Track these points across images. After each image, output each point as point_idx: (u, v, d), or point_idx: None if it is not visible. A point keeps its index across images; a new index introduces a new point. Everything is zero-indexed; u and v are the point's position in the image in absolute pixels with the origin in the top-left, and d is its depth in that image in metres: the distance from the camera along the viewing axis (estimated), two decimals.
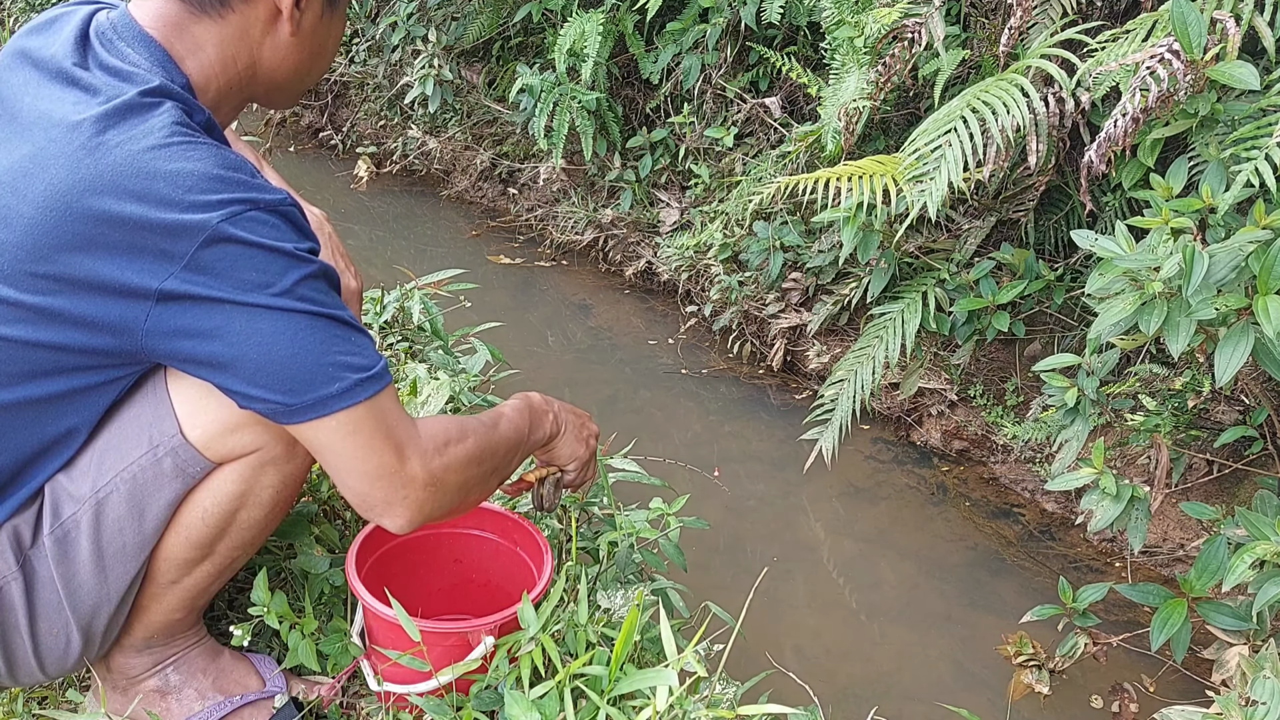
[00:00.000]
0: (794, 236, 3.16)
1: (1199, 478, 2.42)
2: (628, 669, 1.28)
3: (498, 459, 1.24)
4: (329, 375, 1.05)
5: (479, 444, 1.19)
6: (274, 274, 1.02)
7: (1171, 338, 1.67)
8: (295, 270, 1.03)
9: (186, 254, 0.99)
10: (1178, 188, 1.85)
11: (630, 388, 3.23)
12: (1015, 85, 2.29)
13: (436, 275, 2.70)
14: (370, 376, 1.07)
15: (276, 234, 1.03)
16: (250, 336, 1.02)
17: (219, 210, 0.99)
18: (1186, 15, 1.91)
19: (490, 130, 4.45)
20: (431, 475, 1.12)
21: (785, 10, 3.13)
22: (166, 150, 1.00)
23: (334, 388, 1.05)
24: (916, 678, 2.16)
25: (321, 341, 1.04)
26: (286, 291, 1.02)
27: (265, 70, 1.19)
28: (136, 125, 1.02)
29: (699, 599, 1.75)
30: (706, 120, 3.61)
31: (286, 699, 1.37)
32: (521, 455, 1.33)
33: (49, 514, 1.15)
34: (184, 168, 1.00)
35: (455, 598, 1.59)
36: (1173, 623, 1.77)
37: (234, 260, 1.00)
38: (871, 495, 2.76)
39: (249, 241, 1.00)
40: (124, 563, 1.17)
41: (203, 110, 1.11)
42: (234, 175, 1.02)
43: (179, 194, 0.99)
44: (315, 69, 1.23)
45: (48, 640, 1.19)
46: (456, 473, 1.15)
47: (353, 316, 1.10)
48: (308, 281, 1.04)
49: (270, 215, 1.03)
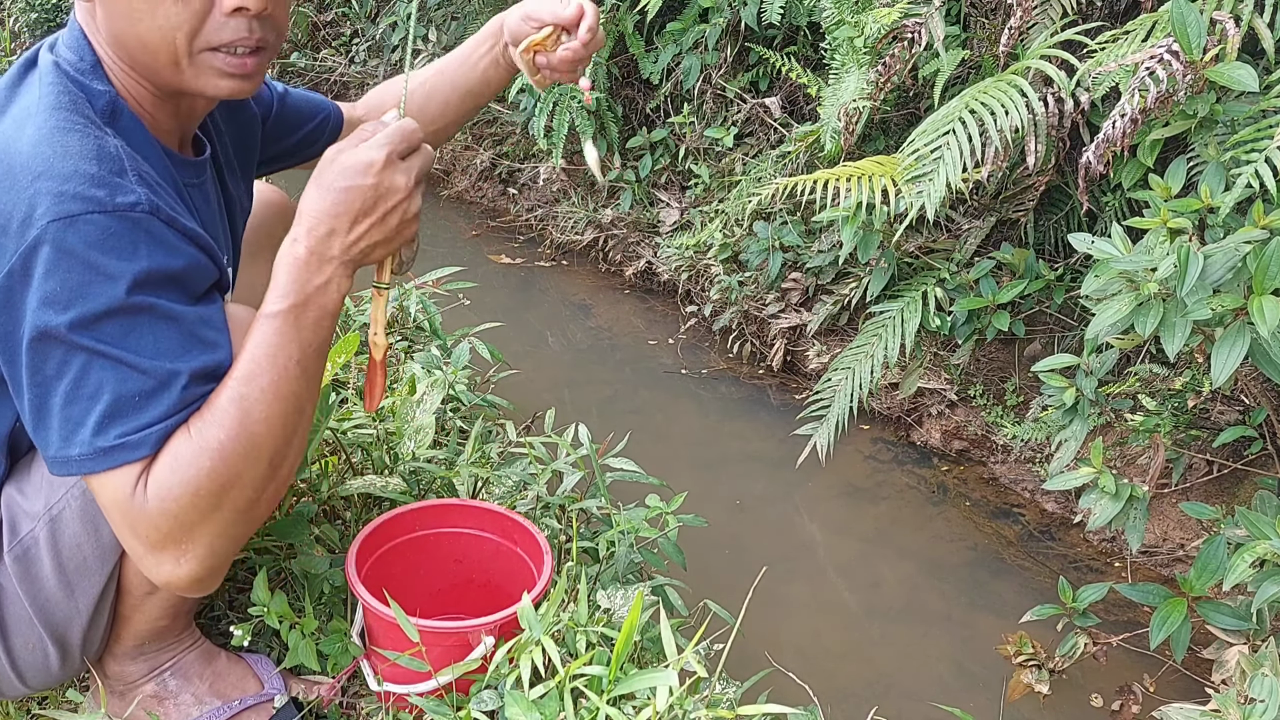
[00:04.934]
0: (794, 236, 3.17)
1: (1199, 478, 2.42)
2: (628, 669, 1.29)
3: (264, 444, 1.00)
4: (81, 436, 0.95)
5: (220, 467, 0.97)
6: (79, 295, 0.93)
7: (1167, 338, 1.67)
8: (103, 296, 0.93)
9: (13, 253, 0.93)
10: (1177, 188, 1.85)
11: (630, 388, 3.23)
12: (1014, 86, 2.30)
13: (435, 274, 2.71)
14: (116, 446, 0.94)
15: (110, 246, 0.94)
16: (33, 375, 0.95)
17: (56, 207, 0.93)
18: (1186, 16, 1.91)
19: (490, 130, 4.45)
20: (178, 549, 0.98)
21: (785, 10, 3.13)
22: (37, 131, 0.97)
23: (78, 451, 0.95)
24: (916, 677, 2.17)
25: (91, 393, 0.94)
26: (81, 321, 0.93)
27: (113, 43, 1.07)
28: (20, 107, 1.01)
29: (698, 598, 1.75)
30: (706, 120, 3.61)
31: (286, 699, 1.37)
32: (310, 377, 1.05)
33: (7, 531, 1.14)
34: (40, 152, 0.95)
35: (455, 598, 1.59)
36: (1172, 622, 1.77)
37: (49, 269, 0.92)
38: (871, 495, 2.76)
39: (70, 250, 0.92)
40: (88, 577, 1.15)
41: (105, 91, 1.06)
42: (89, 170, 0.95)
43: (27, 180, 0.94)
44: (139, 32, 1.04)
45: (24, 655, 1.18)
46: (204, 526, 0.98)
47: (163, 367, 0.96)
48: (115, 317, 0.94)
49: (115, 222, 0.94)
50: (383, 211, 1.03)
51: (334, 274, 1.04)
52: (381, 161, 1.02)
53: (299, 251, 1.02)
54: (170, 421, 0.97)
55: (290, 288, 1.02)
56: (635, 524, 1.68)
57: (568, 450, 1.88)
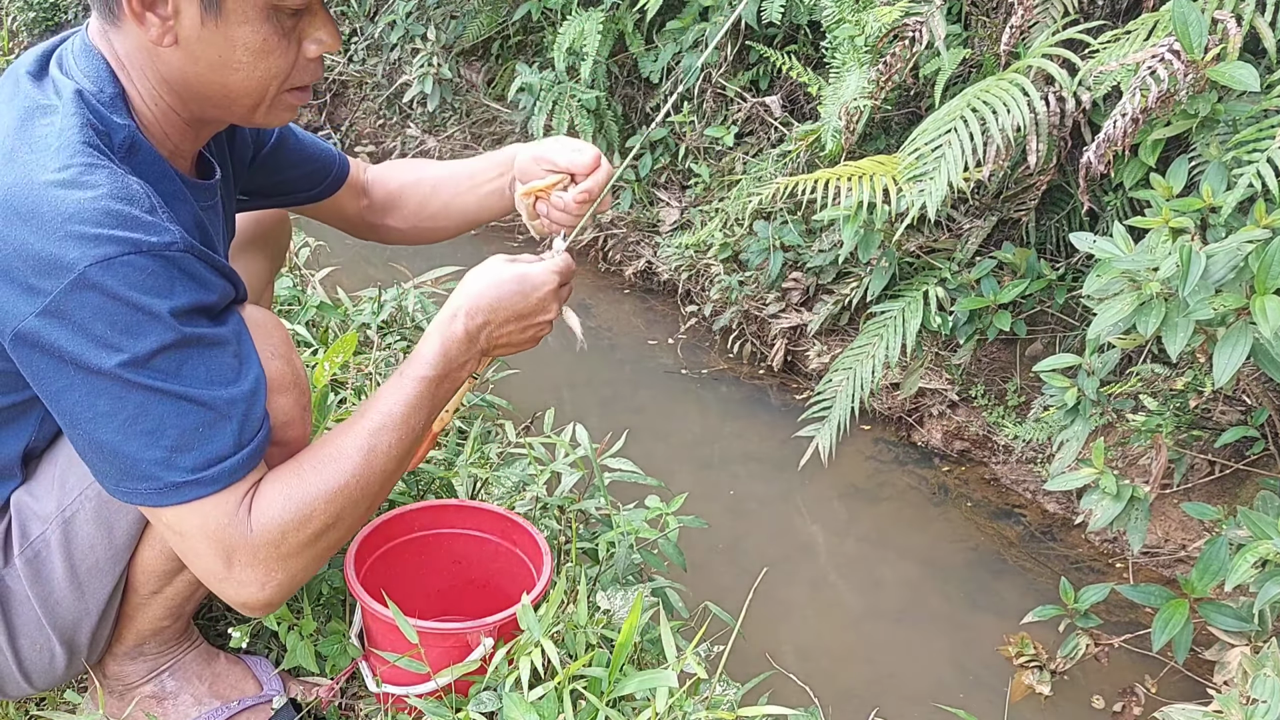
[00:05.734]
0: (794, 236, 3.16)
1: (1201, 478, 2.41)
2: (627, 670, 1.28)
3: (370, 493, 1.10)
4: (148, 471, 0.98)
5: (331, 508, 1.06)
6: (130, 336, 0.94)
7: (1169, 338, 1.67)
8: (154, 335, 0.95)
9: (50, 295, 0.93)
10: (1178, 188, 1.84)
11: (630, 388, 3.22)
12: (1016, 85, 2.29)
13: (434, 273, 2.70)
14: (195, 481, 0.99)
15: (150, 285, 0.94)
16: (85, 410, 0.96)
17: (94, 250, 0.92)
18: (1187, 15, 1.90)
19: (489, 129, 4.45)
20: (267, 574, 1.04)
21: (786, 9, 3.13)
22: (62, 172, 0.95)
23: (151, 484, 0.98)
24: (917, 679, 2.16)
25: (154, 429, 0.97)
26: (135, 360, 0.95)
27: (177, 83, 1.08)
28: (39, 138, 0.98)
29: (699, 599, 1.75)
30: (706, 119, 3.61)
31: (285, 700, 1.37)
32: (423, 439, 1.18)
33: (18, 535, 1.14)
34: (70, 195, 0.94)
35: (455, 599, 1.58)
36: (1174, 623, 1.77)
37: (94, 312, 0.93)
38: (872, 496, 2.75)
39: (114, 293, 0.93)
40: (99, 577, 1.15)
41: (125, 125, 1.05)
42: (123, 210, 0.95)
43: (58, 222, 0.93)
44: (231, 81, 1.07)
45: (31, 656, 1.18)
46: (298, 558, 1.05)
47: (220, 396, 0.99)
48: (166, 353, 0.96)
49: (152, 262, 0.95)
50: (528, 324, 1.21)
51: (473, 356, 1.18)
52: (551, 287, 1.21)
53: (457, 330, 1.16)
54: (243, 454, 1.01)
55: (439, 360, 1.14)
56: (635, 525, 1.68)
57: (567, 451, 1.88)
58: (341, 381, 2.10)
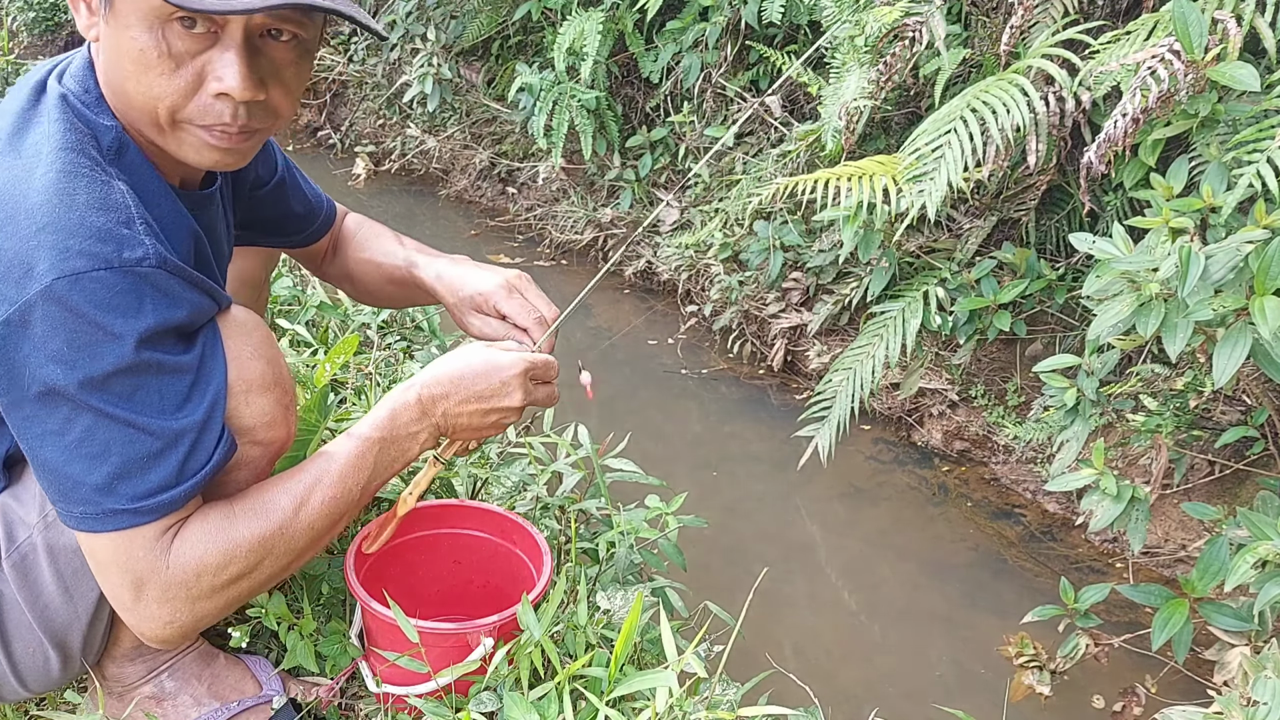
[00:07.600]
0: (794, 236, 3.16)
1: (1201, 478, 2.41)
2: (627, 670, 1.28)
3: (295, 548, 1.08)
4: (87, 496, 0.97)
5: (252, 557, 1.04)
6: (87, 355, 0.92)
7: (1169, 339, 1.67)
8: (111, 356, 0.93)
9: (15, 303, 0.91)
10: (1178, 188, 1.84)
11: (630, 388, 3.22)
12: (1016, 85, 2.29)
13: None
14: (133, 510, 0.97)
15: (115, 304, 0.92)
16: (34, 425, 0.96)
17: (63, 263, 0.91)
18: (1188, 15, 1.90)
19: (489, 129, 4.45)
20: (174, 613, 1.02)
21: (786, 9, 3.13)
22: (42, 179, 0.94)
23: (88, 509, 0.97)
24: (917, 678, 2.16)
25: (99, 453, 0.95)
26: (90, 381, 0.93)
27: (106, 85, 1.04)
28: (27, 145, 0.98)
29: (699, 599, 1.75)
30: (706, 119, 3.61)
31: (284, 700, 1.37)
32: (359, 503, 1.15)
33: (4, 539, 1.14)
34: (47, 204, 0.93)
35: (455, 599, 1.58)
36: (1174, 623, 1.77)
37: (53, 326, 0.91)
38: (872, 496, 2.75)
39: (77, 310, 0.91)
40: (86, 580, 1.15)
41: (111, 127, 1.03)
42: (98, 222, 0.93)
43: (31, 231, 0.92)
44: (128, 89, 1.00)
45: (25, 659, 1.18)
46: (208, 601, 1.04)
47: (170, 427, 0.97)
48: (122, 376, 0.94)
49: (121, 279, 0.93)
50: (490, 408, 1.20)
51: (425, 429, 1.17)
52: (517, 375, 1.20)
53: (410, 397, 1.16)
54: (184, 487, 0.99)
55: (387, 423, 1.14)
56: (635, 525, 1.68)
57: (567, 450, 1.88)
58: (342, 382, 2.10)
